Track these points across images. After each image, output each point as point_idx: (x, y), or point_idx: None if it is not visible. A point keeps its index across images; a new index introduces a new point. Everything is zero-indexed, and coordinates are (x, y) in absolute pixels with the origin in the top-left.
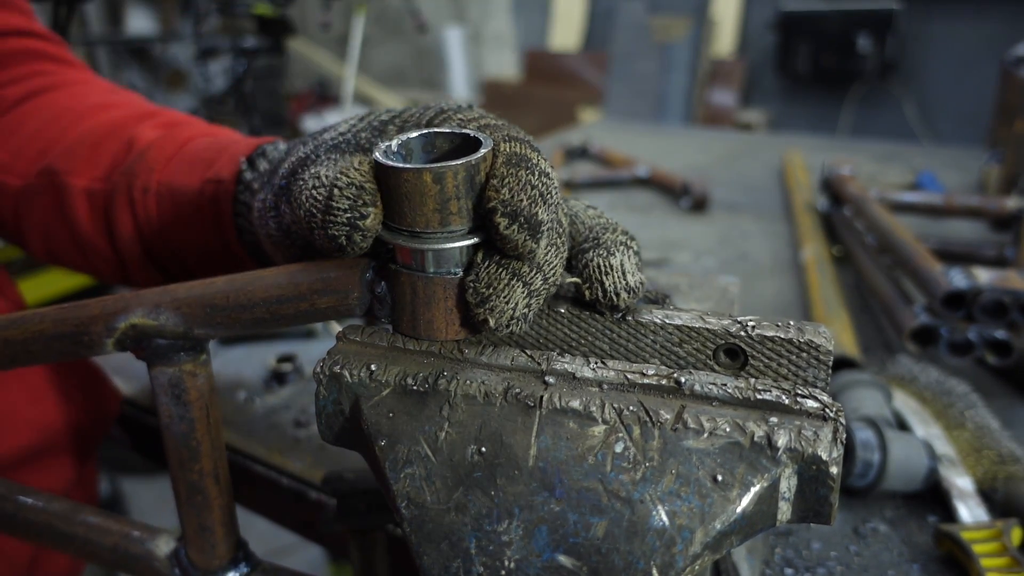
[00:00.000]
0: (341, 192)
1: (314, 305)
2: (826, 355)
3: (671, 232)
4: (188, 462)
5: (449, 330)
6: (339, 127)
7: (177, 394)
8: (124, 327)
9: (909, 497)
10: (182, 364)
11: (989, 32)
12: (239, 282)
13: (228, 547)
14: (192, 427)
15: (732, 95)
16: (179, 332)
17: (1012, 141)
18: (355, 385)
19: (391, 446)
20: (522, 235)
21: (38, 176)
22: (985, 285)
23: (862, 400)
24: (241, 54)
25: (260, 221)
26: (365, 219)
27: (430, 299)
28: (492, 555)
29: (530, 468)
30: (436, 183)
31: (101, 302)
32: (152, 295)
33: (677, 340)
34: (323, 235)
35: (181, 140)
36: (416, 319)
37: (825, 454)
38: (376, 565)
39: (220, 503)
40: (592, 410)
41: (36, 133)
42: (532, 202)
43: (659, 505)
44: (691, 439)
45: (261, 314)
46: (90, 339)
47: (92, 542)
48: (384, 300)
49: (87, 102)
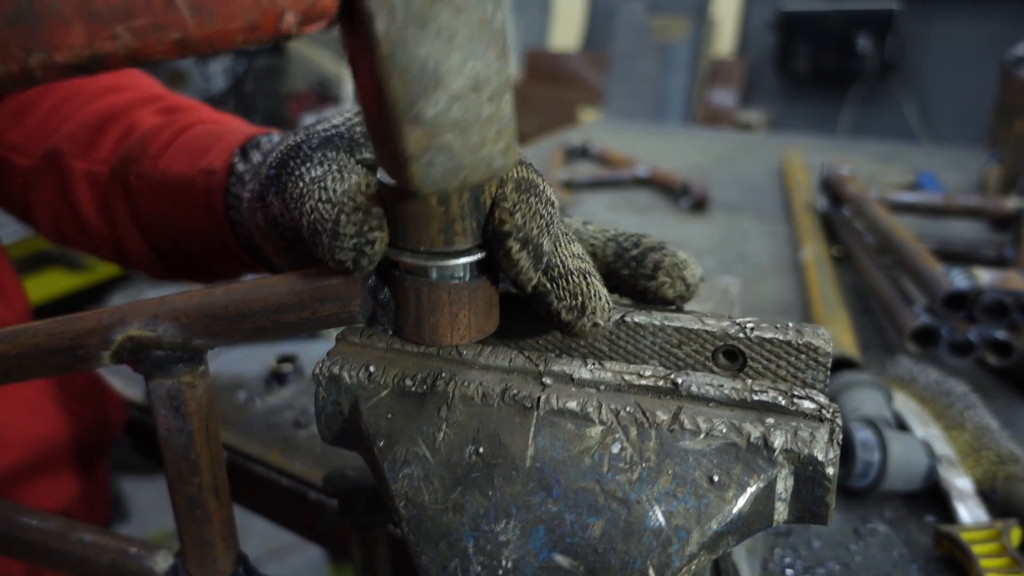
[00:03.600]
0: (348, 218)
1: (316, 313)
2: (824, 357)
3: (671, 232)
4: (187, 475)
5: (454, 335)
6: (333, 119)
7: (176, 406)
8: (121, 339)
9: (909, 497)
10: (180, 376)
11: (989, 32)
12: (239, 291)
13: (228, 562)
14: (191, 440)
15: (732, 95)
16: (177, 343)
17: (1012, 141)
18: (354, 386)
19: (390, 447)
20: (528, 262)
21: (44, 157)
22: (986, 286)
23: (862, 401)
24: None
25: (249, 213)
26: (372, 244)
27: (435, 305)
28: (490, 555)
29: (527, 468)
30: (441, 204)
31: (97, 314)
32: (149, 305)
33: (676, 342)
34: (328, 256)
35: (179, 127)
36: (421, 325)
37: (821, 455)
38: (377, 563)
39: (220, 517)
40: (589, 411)
41: (46, 114)
42: (540, 231)
43: (656, 505)
44: (687, 440)
45: (262, 323)
46: (86, 352)
47: (89, 560)
48: (388, 306)
49: (98, 84)
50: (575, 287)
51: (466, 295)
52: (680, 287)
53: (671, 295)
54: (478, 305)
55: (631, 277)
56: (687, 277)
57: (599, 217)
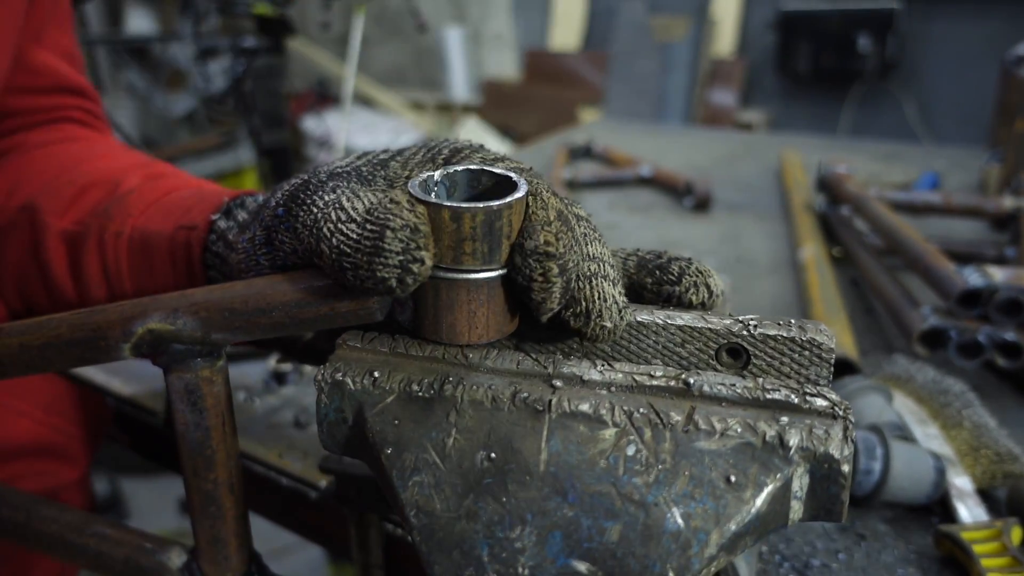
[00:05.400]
0: (395, 234)
1: (334, 309)
2: (828, 353)
3: (672, 232)
4: (203, 471)
5: (472, 334)
6: (335, 162)
7: (193, 401)
8: (141, 332)
9: None
10: (199, 370)
11: (989, 32)
12: (258, 286)
13: (241, 560)
14: (208, 435)
15: (732, 95)
16: (197, 337)
17: (1012, 141)
18: (358, 392)
19: (398, 454)
20: (559, 290)
21: (19, 211)
22: (1001, 284)
23: (867, 407)
24: (241, 54)
25: (249, 262)
26: (421, 264)
27: (453, 303)
28: (505, 562)
29: (541, 473)
30: (453, 221)
31: (119, 307)
32: (170, 299)
33: (679, 340)
34: (367, 275)
35: (163, 190)
36: (439, 323)
37: (836, 452)
38: (371, 546)
39: (234, 514)
40: (602, 413)
41: (33, 176)
42: (576, 264)
43: (673, 507)
44: (703, 440)
45: (280, 319)
46: (107, 344)
47: (104, 554)
48: (406, 304)
49: (91, 151)
50: (578, 292)
51: (484, 292)
52: (704, 293)
53: (695, 301)
54: (497, 303)
55: (655, 284)
56: (711, 285)
57: (601, 217)
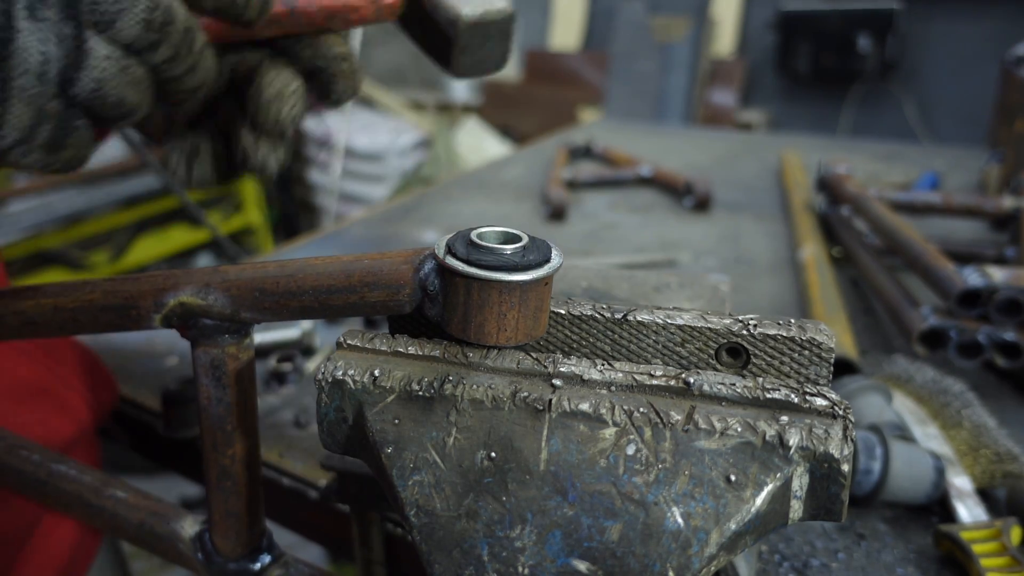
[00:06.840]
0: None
1: (364, 298)
2: (827, 352)
3: (672, 232)
4: (221, 445)
5: (500, 336)
6: None
7: (218, 376)
8: (173, 304)
9: None
10: (226, 346)
11: (989, 32)
12: (290, 268)
13: (252, 535)
14: (229, 410)
15: (732, 95)
16: (226, 314)
17: (1012, 141)
18: (358, 391)
19: (398, 453)
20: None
21: None
22: (1001, 284)
23: (866, 408)
24: None
25: None
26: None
27: (484, 303)
28: (505, 561)
29: (541, 472)
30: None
31: (152, 277)
32: (203, 274)
33: (679, 340)
34: None
35: None
36: (468, 322)
37: (836, 452)
38: (372, 543)
39: (249, 489)
40: (602, 412)
41: None
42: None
43: (673, 507)
44: (703, 440)
45: (309, 302)
46: (138, 313)
47: (119, 516)
48: (436, 299)
49: None
50: None
51: (517, 295)
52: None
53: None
54: (528, 307)
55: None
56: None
57: (601, 217)
